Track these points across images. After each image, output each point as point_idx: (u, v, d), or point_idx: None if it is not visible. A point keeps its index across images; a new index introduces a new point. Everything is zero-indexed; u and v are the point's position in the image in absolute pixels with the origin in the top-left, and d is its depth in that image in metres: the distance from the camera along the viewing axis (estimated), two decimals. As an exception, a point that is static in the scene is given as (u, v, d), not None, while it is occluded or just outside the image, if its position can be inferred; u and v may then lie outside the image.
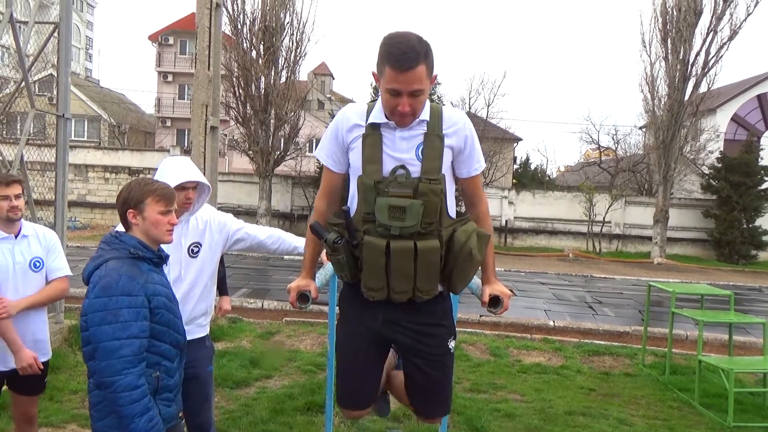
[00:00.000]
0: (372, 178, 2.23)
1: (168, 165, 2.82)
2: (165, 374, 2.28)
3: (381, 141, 2.26)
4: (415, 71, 2.12)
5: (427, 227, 2.21)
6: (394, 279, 2.24)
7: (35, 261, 3.15)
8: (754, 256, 22.00)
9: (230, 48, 19.83)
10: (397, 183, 2.21)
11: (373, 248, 2.21)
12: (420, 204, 2.18)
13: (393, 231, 2.18)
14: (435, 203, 2.21)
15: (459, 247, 2.24)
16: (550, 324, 9.00)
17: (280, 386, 5.37)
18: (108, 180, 23.36)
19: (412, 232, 2.19)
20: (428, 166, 2.24)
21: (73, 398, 4.75)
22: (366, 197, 2.24)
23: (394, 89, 2.15)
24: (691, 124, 21.88)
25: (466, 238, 2.25)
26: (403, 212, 2.17)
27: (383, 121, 2.26)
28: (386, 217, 2.18)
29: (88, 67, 64.06)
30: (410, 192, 2.19)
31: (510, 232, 23.82)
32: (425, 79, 2.17)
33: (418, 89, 2.16)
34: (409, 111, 2.19)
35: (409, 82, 2.13)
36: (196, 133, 7.60)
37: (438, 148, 2.27)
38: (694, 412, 5.23)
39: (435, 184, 2.22)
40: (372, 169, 2.24)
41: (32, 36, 5.92)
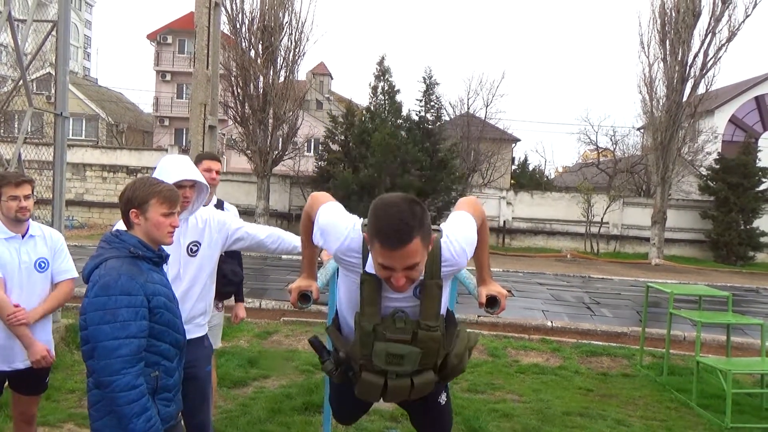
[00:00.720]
0: (371, 322, 2.16)
1: (166, 163, 2.81)
2: (164, 374, 2.28)
3: (379, 286, 2.16)
4: (408, 247, 1.93)
5: (424, 366, 2.23)
6: (389, 397, 2.31)
7: (41, 261, 3.16)
8: (752, 258, 22.04)
9: (229, 47, 19.81)
10: (395, 328, 2.15)
11: (369, 384, 2.23)
12: (418, 352, 2.15)
13: (390, 376, 2.20)
14: (433, 349, 2.20)
15: (451, 368, 2.32)
16: (548, 324, 9.00)
17: (278, 386, 5.36)
18: (106, 179, 23.32)
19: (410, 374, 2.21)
20: (427, 312, 2.18)
21: (71, 397, 4.74)
22: (364, 341, 2.19)
23: (386, 265, 2.00)
24: (689, 125, 21.90)
25: (459, 361, 2.31)
26: (401, 359, 2.14)
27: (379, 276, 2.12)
28: (383, 363, 2.15)
29: (86, 66, 63.96)
30: (408, 338, 2.15)
31: (508, 233, 23.83)
32: (421, 251, 1.98)
33: (412, 264, 1.99)
34: (405, 283, 2.04)
35: (402, 258, 1.96)
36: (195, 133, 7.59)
37: (437, 296, 2.20)
38: (692, 413, 5.23)
39: (434, 331, 2.17)
40: (370, 311, 2.17)
41: (30, 34, 5.91)
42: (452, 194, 20.48)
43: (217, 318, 4.00)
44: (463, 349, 2.32)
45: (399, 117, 21.28)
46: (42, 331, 3.18)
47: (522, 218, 24.08)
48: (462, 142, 26.58)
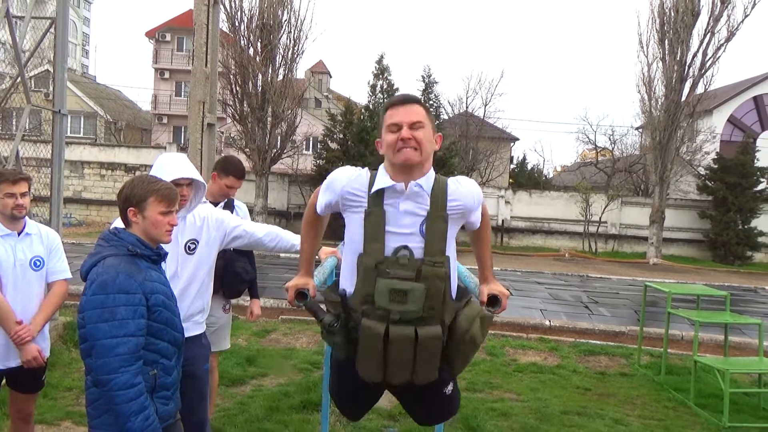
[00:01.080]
0: (374, 258, 2.13)
1: (163, 161, 2.80)
2: (163, 372, 2.27)
3: (383, 218, 2.16)
4: (413, 106, 2.19)
5: (430, 312, 2.12)
6: (392, 367, 2.16)
7: (36, 260, 3.15)
8: (750, 257, 22.08)
9: (228, 45, 19.78)
10: (399, 265, 2.11)
11: (370, 333, 2.12)
12: (423, 288, 2.08)
13: (393, 316, 2.09)
14: (438, 287, 2.13)
15: (461, 334, 2.18)
16: (546, 323, 9.00)
17: (276, 384, 5.36)
18: (104, 177, 23.29)
19: (414, 317, 2.10)
20: (432, 248, 2.14)
21: (68, 395, 4.74)
22: (366, 278, 2.14)
23: (393, 123, 2.17)
24: (687, 125, 21.93)
25: (469, 324, 2.19)
26: (404, 296, 2.08)
27: (387, 185, 2.16)
28: (386, 301, 2.08)
29: (84, 64, 63.82)
30: (413, 275, 2.10)
31: (506, 232, 23.85)
32: (424, 117, 2.19)
33: (417, 121, 2.17)
34: (412, 139, 2.13)
35: (407, 113, 2.17)
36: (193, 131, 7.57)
37: (442, 230, 2.18)
38: (690, 413, 5.24)
39: (439, 267, 2.13)
40: (374, 248, 2.14)
41: (29, 31, 5.89)
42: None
43: (224, 319, 3.99)
44: (474, 315, 2.22)
45: (398, 115, 21.25)
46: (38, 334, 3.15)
47: (520, 217, 24.10)
48: (461, 140, 26.60)
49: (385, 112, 2.22)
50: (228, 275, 3.78)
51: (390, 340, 2.10)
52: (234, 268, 3.83)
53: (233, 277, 3.85)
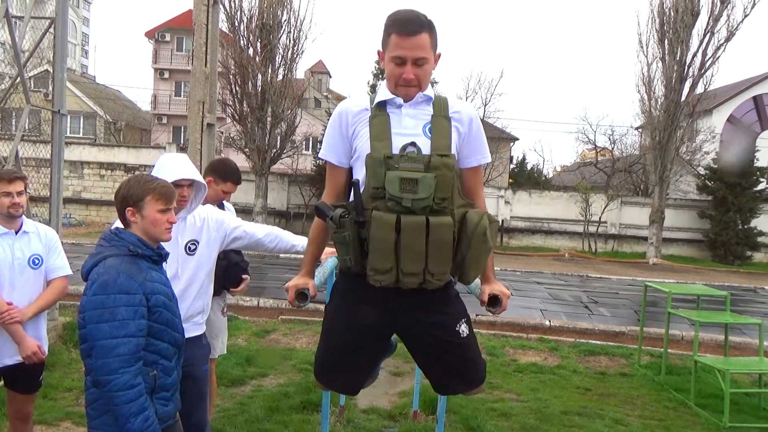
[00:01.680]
0: (381, 152, 2.15)
1: (164, 162, 2.80)
2: (162, 373, 2.27)
3: (388, 120, 2.22)
4: (419, 37, 2.15)
5: (440, 203, 2.11)
6: (405, 258, 2.10)
7: (34, 258, 3.16)
8: (749, 257, 22.07)
9: (227, 45, 19.78)
10: (408, 158, 2.13)
11: (382, 223, 2.08)
12: (433, 177, 2.09)
13: (405, 203, 2.06)
14: (448, 177, 2.13)
15: (473, 227, 2.14)
16: (546, 324, 9.00)
17: (276, 385, 5.35)
18: (104, 177, 23.28)
19: (425, 206, 2.07)
20: (438, 143, 2.20)
21: (68, 396, 4.73)
22: (375, 172, 2.14)
23: (398, 56, 2.17)
24: (687, 124, 21.93)
25: (479, 218, 2.16)
26: (415, 184, 2.06)
27: (389, 97, 2.24)
28: (398, 189, 2.06)
29: (84, 64, 63.79)
30: (422, 167, 2.11)
31: (506, 232, 23.84)
32: (429, 48, 2.19)
33: (422, 57, 2.17)
34: (414, 79, 2.19)
35: (413, 47, 2.15)
36: (193, 131, 7.57)
37: (446, 128, 2.24)
38: (690, 413, 5.24)
39: (447, 158, 2.16)
40: (381, 145, 2.18)
41: (28, 31, 5.88)
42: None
43: (223, 323, 3.99)
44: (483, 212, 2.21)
45: (397, 115, 21.28)
46: (34, 328, 3.16)
47: (520, 217, 24.09)
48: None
49: (390, 33, 2.18)
50: (230, 269, 3.81)
51: (402, 228, 2.07)
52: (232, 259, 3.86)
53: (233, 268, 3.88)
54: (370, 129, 2.23)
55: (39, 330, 3.22)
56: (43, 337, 3.27)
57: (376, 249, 2.11)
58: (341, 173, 2.36)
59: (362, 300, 2.25)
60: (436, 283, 2.17)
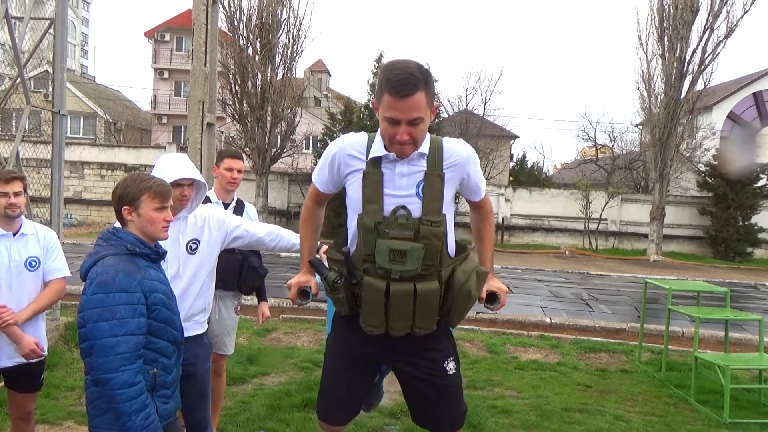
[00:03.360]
0: (373, 219, 2.18)
1: (164, 162, 2.81)
2: (162, 371, 2.27)
3: (381, 180, 2.21)
4: (413, 98, 2.07)
5: (428, 269, 2.18)
6: (393, 318, 2.22)
7: (31, 260, 3.13)
8: (750, 254, 22.08)
9: (227, 45, 19.79)
10: (398, 224, 2.16)
11: (372, 290, 2.19)
12: (421, 248, 2.14)
13: (393, 275, 2.16)
14: (436, 246, 2.18)
15: (458, 287, 2.24)
16: (547, 321, 9.02)
17: (277, 383, 5.37)
18: (104, 177, 23.30)
19: (413, 276, 2.16)
20: (429, 207, 2.19)
21: (70, 395, 4.74)
22: (366, 239, 2.20)
23: (392, 117, 2.11)
24: (687, 121, 21.92)
25: (466, 279, 2.24)
26: (403, 256, 2.14)
27: (383, 153, 2.20)
28: (386, 261, 2.14)
29: (83, 64, 63.77)
30: (411, 234, 2.15)
31: (507, 230, 23.85)
32: (425, 107, 2.12)
33: (417, 117, 2.10)
34: (408, 140, 2.14)
35: (407, 109, 2.08)
36: (193, 130, 7.56)
37: (438, 189, 2.22)
38: (690, 409, 5.24)
39: (436, 226, 2.18)
40: (372, 209, 2.20)
41: (28, 32, 5.89)
42: (451, 191, 20.50)
43: (235, 321, 3.99)
44: (471, 270, 2.27)
45: (397, 114, 21.27)
46: (33, 329, 3.15)
47: (520, 215, 24.10)
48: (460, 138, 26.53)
49: (384, 90, 2.11)
50: (246, 269, 3.79)
51: (391, 294, 2.18)
52: (251, 263, 3.84)
53: (251, 272, 3.85)
54: (363, 188, 2.22)
55: (38, 330, 3.20)
56: (42, 338, 3.25)
57: (367, 309, 2.25)
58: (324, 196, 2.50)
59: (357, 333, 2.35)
60: (422, 333, 2.29)
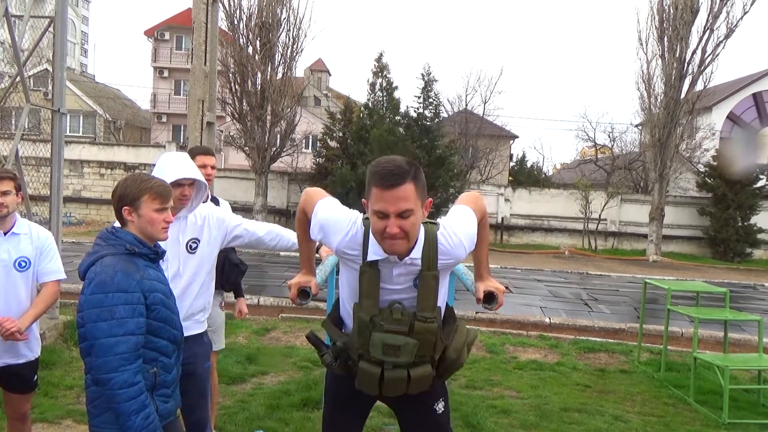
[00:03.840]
0: (369, 313, 2.19)
1: (165, 161, 2.81)
2: (162, 370, 2.27)
3: (378, 277, 2.20)
4: (401, 188, 2.00)
5: (421, 358, 2.22)
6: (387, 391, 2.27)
7: (21, 260, 3.08)
8: (749, 254, 22.09)
9: (227, 44, 19.78)
10: (393, 319, 2.17)
11: (367, 374, 2.23)
12: (414, 343, 2.16)
13: (386, 366, 2.19)
14: (429, 341, 2.20)
15: (450, 362, 2.31)
16: (546, 321, 9.01)
17: (276, 382, 5.36)
18: (103, 176, 23.29)
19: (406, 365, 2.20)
20: (424, 304, 2.19)
21: (69, 394, 4.74)
22: (361, 331, 2.21)
23: (380, 211, 2.02)
24: (687, 122, 21.93)
25: (457, 355, 2.31)
26: (397, 350, 2.16)
27: (382, 257, 2.16)
28: (380, 353, 2.17)
29: (83, 63, 63.72)
30: (405, 329, 2.16)
31: (506, 230, 23.85)
32: (414, 199, 2.03)
33: (406, 209, 2.02)
34: (399, 233, 2.04)
35: (395, 200, 2.00)
36: (193, 129, 7.57)
37: (433, 287, 2.21)
38: (689, 409, 5.25)
39: (430, 322, 2.19)
40: (368, 303, 2.20)
41: (27, 30, 5.88)
42: (450, 191, 20.53)
43: (222, 317, 4.01)
44: (462, 345, 2.32)
45: (397, 113, 21.29)
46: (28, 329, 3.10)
47: (520, 215, 24.11)
48: (460, 138, 26.58)
49: (371, 185, 2.06)
50: (228, 267, 3.83)
51: (385, 379, 2.22)
52: (232, 260, 3.88)
53: (233, 269, 3.89)
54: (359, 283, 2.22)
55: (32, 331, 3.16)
56: (37, 337, 3.22)
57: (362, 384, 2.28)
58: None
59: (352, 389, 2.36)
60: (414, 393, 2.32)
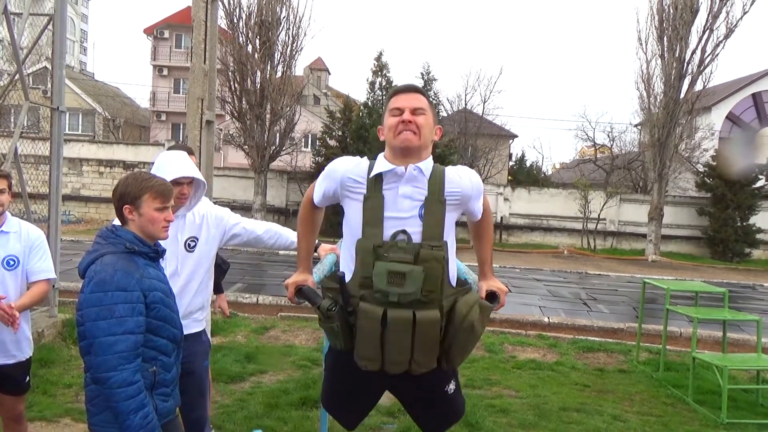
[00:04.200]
0: (371, 241, 2.14)
1: (164, 160, 2.80)
2: (162, 369, 2.27)
3: (382, 203, 2.17)
4: (417, 95, 2.26)
5: (428, 296, 2.11)
6: (390, 350, 2.14)
7: (9, 259, 3.04)
8: (748, 254, 22.10)
9: (226, 42, 19.76)
10: (398, 248, 2.11)
11: (368, 316, 2.11)
12: (421, 270, 2.08)
13: (391, 298, 2.08)
14: (437, 270, 2.12)
15: (460, 319, 2.16)
16: (545, 320, 9.02)
17: (275, 381, 5.36)
18: (102, 174, 23.27)
19: (412, 300, 2.09)
20: (430, 232, 2.15)
21: (67, 392, 4.74)
22: (364, 261, 2.14)
23: (396, 108, 2.23)
24: (686, 122, 21.93)
25: (468, 310, 2.18)
26: (402, 278, 2.07)
27: (387, 168, 2.19)
28: (384, 283, 2.07)
29: (82, 61, 63.66)
30: (411, 258, 2.10)
31: (505, 229, 23.85)
32: (427, 106, 2.28)
33: (419, 107, 2.23)
34: (413, 123, 2.19)
35: (411, 99, 2.24)
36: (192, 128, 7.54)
37: (439, 214, 2.19)
38: (688, 409, 5.25)
39: (437, 250, 2.13)
40: (372, 232, 2.15)
41: (26, 28, 5.88)
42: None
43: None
44: (473, 302, 2.22)
45: (397, 113, 21.27)
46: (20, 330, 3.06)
47: (519, 214, 24.11)
48: (459, 138, 26.59)
49: (389, 99, 2.30)
50: None
51: (388, 322, 2.10)
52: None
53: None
54: (363, 212, 2.19)
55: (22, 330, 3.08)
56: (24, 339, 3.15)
57: (362, 339, 2.17)
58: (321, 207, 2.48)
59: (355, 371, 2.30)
60: (421, 370, 2.21)
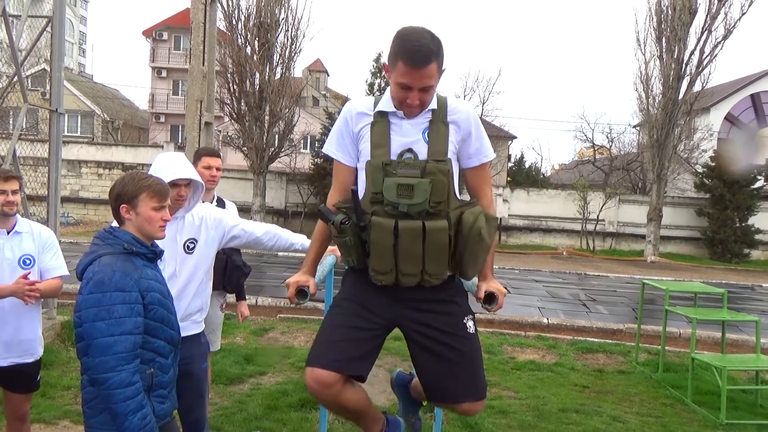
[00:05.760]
0: (380, 159, 2.26)
1: (161, 161, 2.80)
2: (159, 371, 2.27)
3: (389, 127, 2.30)
4: (427, 68, 2.17)
5: (435, 207, 2.21)
6: (403, 261, 2.23)
7: (25, 258, 3.11)
8: (747, 255, 22.13)
9: (225, 44, 19.76)
10: (405, 164, 2.24)
11: (381, 228, 2.21)
12: (428, 182, 2.19)
13: (401, 208, 2.19)
14: (443, 183, 2.23)
15: (468, 228, 2.24)
16: (544, 321, 9.02)
17: (274, 383, 5.36)
18: (101, 176, 23.27)
19: (420, 210, 2.19)
20: (435, 149, 2.27)
21: (66, 394, 4.73)
22: (374, 178, 2.26)
23: (405, 84, 2.21)
24: (685, 122, 21.97)
25: (474, 219, 2.26)
26: (411, 190, 2.18)
27: (391, 110, 2.30)
28: (394, 195, 2.19)
29: (81, 62, 63.65)
30: (418, 173, 2.21)
31: (504, 230, 23.85)
32: (436, 75, 2.23)
33: (428, 85, 2.22)
34: (418, 104, 2.25)
35: (420, 78, 2.18)
36: (191, 129, 7.55)
37: (443, 133, 2.30)
38: (687, 410, 5.25)
39: (442, 164, 2.25)
40: (380, 152, 2.28)
41: (25, 30, 5.88)
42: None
43: (220, 318, 4.01)
44: (479, 212, 2.29)
45: (395, 114, 21.30)
46: (30, 327, 3.14)
47: (518, 215, 24.12)
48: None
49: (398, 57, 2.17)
50: (231, 268, 3.84)
51: (399, 233, 2.20)
52: (235, 261, 3.89)
53: (235, 270, 3.90)
54: (371, 136, 2.32)
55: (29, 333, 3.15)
56: (35, 339, 3.21)
57: (376, 252, 2.25)
58: (349, 172, 2.42)
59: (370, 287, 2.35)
60: (434, 282, 2.28)
